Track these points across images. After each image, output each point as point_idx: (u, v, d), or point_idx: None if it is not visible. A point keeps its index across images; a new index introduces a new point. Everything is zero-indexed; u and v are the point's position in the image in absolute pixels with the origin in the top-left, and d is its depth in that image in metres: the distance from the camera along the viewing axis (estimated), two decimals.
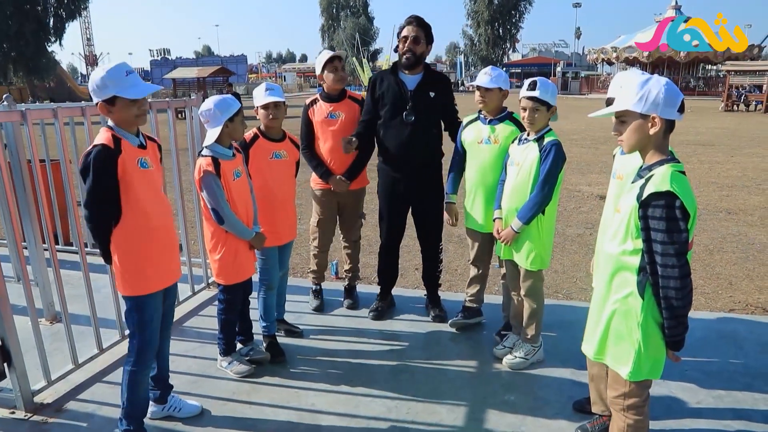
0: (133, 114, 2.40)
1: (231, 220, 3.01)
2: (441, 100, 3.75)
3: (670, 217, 1.87)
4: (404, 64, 3.72)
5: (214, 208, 2.99)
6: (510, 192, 3.19)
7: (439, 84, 3.78)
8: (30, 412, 2.96)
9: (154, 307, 2.58)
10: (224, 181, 2.96)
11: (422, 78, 3.73)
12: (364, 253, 5.74)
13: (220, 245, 3.09)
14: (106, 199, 2.36)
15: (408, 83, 3.72)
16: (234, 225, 3.03)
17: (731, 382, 3.18)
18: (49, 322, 4.03)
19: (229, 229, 3.04)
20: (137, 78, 2.40)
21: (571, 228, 6.75)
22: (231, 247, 3.10)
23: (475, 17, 63.71)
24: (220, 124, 2.91)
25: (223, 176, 2.95)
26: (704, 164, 11.28)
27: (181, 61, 61.34)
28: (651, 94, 1.93)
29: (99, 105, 2.37)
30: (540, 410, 2.96)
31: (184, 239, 4.43)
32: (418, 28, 3.65)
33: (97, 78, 2.33)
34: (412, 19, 3.70)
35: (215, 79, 31.23)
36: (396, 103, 3.72)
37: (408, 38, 3.65)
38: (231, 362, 3.33)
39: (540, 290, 3.31)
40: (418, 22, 3.69)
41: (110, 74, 2.32)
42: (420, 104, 3.68)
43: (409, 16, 3.73)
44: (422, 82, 3.72)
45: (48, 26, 38.49)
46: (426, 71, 3.77)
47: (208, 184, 2.93)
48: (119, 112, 2.37)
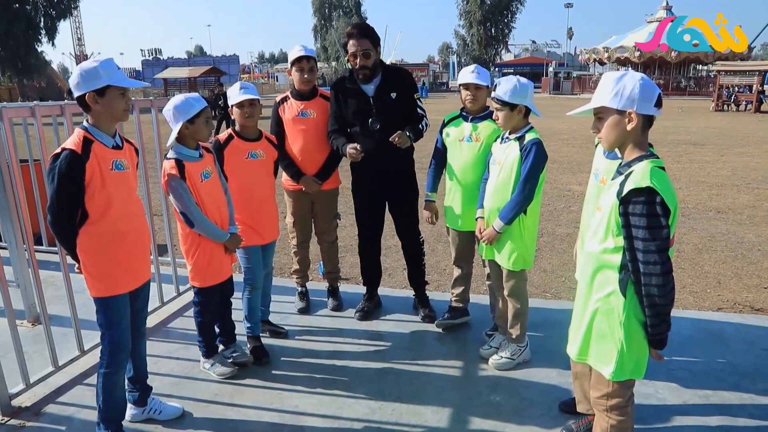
0: (121, 107, 2.39)
1: (201, 222, 2.95)
2: (403, 98, 3.67)
3: (651, 214, 1.84)
4: (361, 80, 3.64)
5: (182, 212, 2.94)
6: (492, 191, 3.15)
7: (399, 81, 3.71)
8: (7, 415, 2.91)
9: (122, 308, 2.54)
10: (190, 183, 2.90)
11: (380, 82, 3.65)
12: (353, 252, 5.72)
13: (194, 248, 3.04)
14: (68, 204, 2.33)
15: (367, 90, 3.65)
16: (205, 228, 2.97)
17: (718, 382, 3.17)
18: (31, 324, 3.98)
19: (201, 232, 2.98)
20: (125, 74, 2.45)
21: (560, 227, 6.75)
22: (205, 250, 3.04)
23: (468, 17, 63.69)
24: (178, 125, 2.86)
25: (188, 178, 2.89)
26: (694, 163, 11.32)
27: (173, 61, 61.02)
28: (626, 90, 1.91)
29: (87, 96, 2.31)
30: (525, 411, 2.93)
31: (168, 240, 4.39)
32: (364, 39, 3.54)
33: (87, 68, 2.31)
34: (353, 31, 3.59)
35: (207, 79, 31.06)
36: (359, 112, 3.66)
37: (357, 54, 3.55)
38: (213, 364, 3.29)
39: (523, 290, 3.28)
40: (361, 31, 3.57)
41: (103, 65, 2.32)
42: (383, 109, 3.62)
43: (350, 27, 3.64)
44: (381, 86, 3.65)
45: (38, 26, 38.31)
46: (383, 73, 3.68)
47: (173, 187, 2.88)
48: (108, 104, 2.35)
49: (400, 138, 3.49)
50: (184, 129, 2.88)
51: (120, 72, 2.40)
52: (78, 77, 2.31)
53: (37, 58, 39.12)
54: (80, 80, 2.31)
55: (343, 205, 4.43)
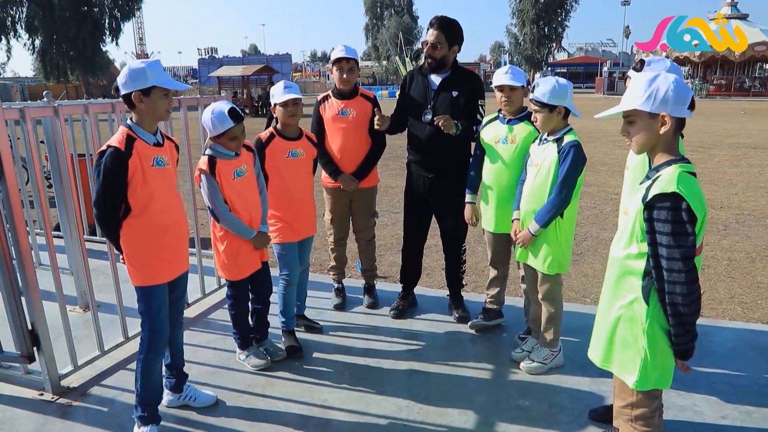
0: (164, 108, 2.51)
1: (226, 219, 3.04)
2: (465, 99, 3.69)
3: (676, 220, 1.79)
4: (426, 69, 3.75)
5: (209, 207, 3.05)
6: (528, 193, 3.12)
7: (466, 83, 3.73)
8: (57, 394, 3.10)
9: (161, 298, 2.66)
10: (220, 180, 2.99)
11: (447, 77, 3.71)
12: (392, 251, 5.75)
13: (221, 241, 3.15)
14: (113, 199, 2.46)
15: (433, 83, 3.72)
16: (230, 224, 3.06)
17: (762, 397, 3.03)
18: (82, 310, 4.20)
19: (226, 228, 3.08)
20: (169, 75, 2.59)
21: (605, 231, 6.57)
22: (233, 244, 3.14)
23: (521, 16, 62.61)
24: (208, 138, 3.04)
25: (218, 175, 2.98)
26: (753, 168, 10.78)
27: (228, 59, 62.59)
28: (660, 92, 1.86)
29: (134, 94, 2.42)
30: (554, 417, 2.89)
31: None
32: (438, 32, 3.61)
33: (135, 68, 2.43)
34: (433, 21, 3.68)
35: (260, 77, 31.63)
36: (419, 102, 3.74)
37: (428, 43, 3.65)
38: (248, 355, 3.39)
39: (558, 294, 3.23)
40: (439, 24, 3.64)
41: (150, 66, 2.44)
42: (441, 104, 3.66)
43: (432, 18, 3.71)
44: (446, 81, 3.69)
45: (103, 27, 40.13)
46: (454, 71, 3.73)
47: (202, 182, 2.99)
48: (152, 104, 2.46)
49: (447, 121, 3.48)
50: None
51: (165, 74, 2.51)
52: (126, 77, 2.43)
53: (101, 58, 40.97)
54: (128, 80, 2.42)
55: (386, 203, 4.46)
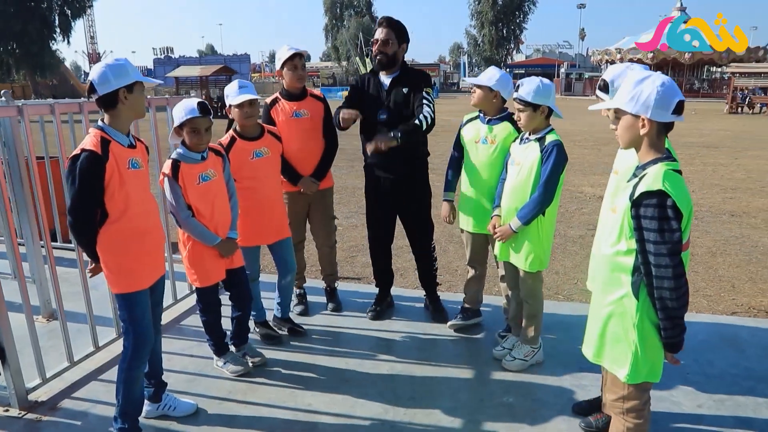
0: (144, 104, 2.48)
1: (187, 224, 2.94)
2: (415, 95, 3.68)
3: (662, 217, 1.83)
4: (377, 67, 3.77)
5: (171, 212, 2.95)
6: (510, 191, 3.14)
7: (413, 78, 3.75)
8: (24, 409, 2.94)
9: (145, 303, 2.56)
10: (183, 184, 2.87)
11: (397, 76, 3.74)
12: (364, 252, 5.72)
13: (186, 246, 3.04)
14: (90, 205, 2.35)
15: (384, 83, 3.75)
16: (191, 230, 2.95)
17: (733, 386, 3.14)
18: (45, 320, 4.02)
19: (188, 233, 2.97)
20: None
21: (572, 229, 6.71)
22: (196, 250, 3.02)
23: (479, 17, 63.63)
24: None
25: (182, 179, 2.86)
26: (708, 166, 11.23)
27: (184, 59, 61.21)
28: (642, 95, 1.89)
29: (120, 91, 2.34)
30: (538, 412, 2.92)
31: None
32: (387, 29, 3.67)
33: (114, 64, 2.36)
34: (382, 20, 3.76)
35: (218, 78, 31.11)
36: (372, 102, 3.74)
37: (378, 41, 3.68)
38: (226, 362, 3.30)
39: (539, 291, 3.27)
40: (388, 23, 3.71)
41: (129, 63, 2.40)
42: (394, 101, 3.69)
43: (380, 18, 3.80)
44: (396, 80, 3.72)
45: (53, 24, 38.68)
46: (402, 69, 3.78)
47: (165, 186, 2.90)
48: (135, 100, 2.40)
49: (383, 143, 3.43)
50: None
51: (137, 69, 2.47)
52: (106, 74, 2.32)
53: (51, 56, 39.48)
54: (110, 77, 2.32)
55: (354, 204, 4.41)
